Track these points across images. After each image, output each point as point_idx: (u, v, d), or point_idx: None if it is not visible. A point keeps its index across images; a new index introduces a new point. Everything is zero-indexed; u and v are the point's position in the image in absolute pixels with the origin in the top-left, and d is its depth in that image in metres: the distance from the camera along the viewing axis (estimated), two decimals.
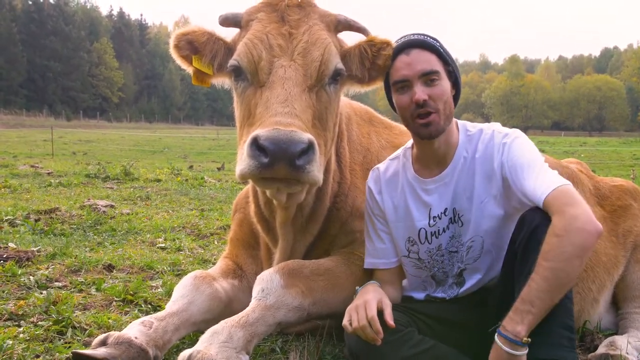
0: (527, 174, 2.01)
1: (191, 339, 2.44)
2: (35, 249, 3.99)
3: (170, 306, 2.34)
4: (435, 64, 2.11)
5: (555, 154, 18.31)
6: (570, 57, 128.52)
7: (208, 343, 1.98)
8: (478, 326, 2.10)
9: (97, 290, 3.19)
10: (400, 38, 2.25)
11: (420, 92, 2.07)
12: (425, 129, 2.10)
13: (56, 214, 5.74)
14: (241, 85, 2.26)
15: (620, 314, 2.94)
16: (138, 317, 2.53)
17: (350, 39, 2.45)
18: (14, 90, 63.57)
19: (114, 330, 2.42)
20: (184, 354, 1.94)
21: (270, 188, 2.22)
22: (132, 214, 6.19)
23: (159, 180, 10.27)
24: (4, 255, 3.70)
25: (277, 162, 1.87)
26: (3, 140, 26.84)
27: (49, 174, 10.87)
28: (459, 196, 2.20)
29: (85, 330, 2.54)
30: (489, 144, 2.16)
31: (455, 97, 2.21)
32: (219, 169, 15.15)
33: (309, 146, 1.92)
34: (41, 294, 2.95)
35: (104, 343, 2.02)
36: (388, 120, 3.27)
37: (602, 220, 2.79)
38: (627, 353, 2.44)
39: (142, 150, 25.67)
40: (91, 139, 31.75)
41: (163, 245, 4.63)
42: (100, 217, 5.68)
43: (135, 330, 2.12)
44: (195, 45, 2.39)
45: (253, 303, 2.22)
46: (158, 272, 3.73)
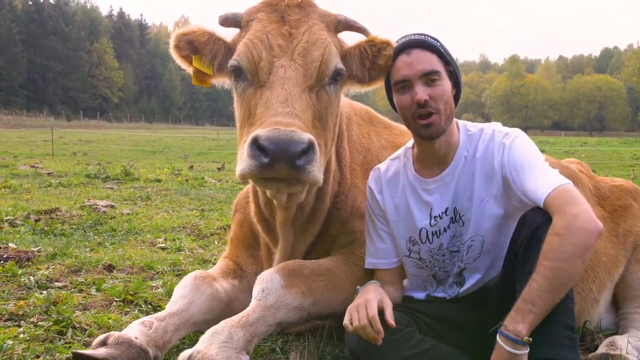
0: (528, 174, 2.01)
1: (191, 339, 2.44)
2: (35, 249, 3.99)
3: (171, 306, 2.34)
4: (436, 64, 2.11)
5: (556, 154, 18.32)
6: (571, 57, 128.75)
7: (208, 343, 1.98)
8: (478, 326, 2.10)
9: (97, 290, 3.19)
10: (401, 38, 2.25)
11: (421, 92, 2.07)
12: (426, 129, 2.10)
13: (56, 214, 5.74)
14: (241, 85, 2.26)
15: (621, 314, 2.94)
16: (138, 318, 2.53)
17: (350, 39, 2.45)
18: (14, 91, 63.61)
19: (114, 330, 2.42)
20: (184, 354, 1.94)
21: (270, 188, 2.22)
22: (133, 214, 6.19)
23: (159, 181, 10.27)
24: (4, 256, 3.70)
25: (278, 162, 1.87)
26: (3, 140, 26.84)
27: (49, 174, 10.87)
28: (459, 196, 2.20)
29: (86, 330, 2.54)
30: (489, 144, 2.16)
31: (456, 97, 2.21)
32: (219, 169, 15.15)
33: (309, 146, 1.92)
34: (41, 294, 2.95)
35: (104, 343, 2.02)
36: (388, 121, 3.27)
37: (603, 220, 2.78)
38: (627, 353, 2.44)
39: (143, 151, 25.67)
40: (91, 139, 31.75)
41: (163, 245, 4.63)
42: (101, 217, 5.67)
43: (136, 330, 2.12)
44: (195, 45, 2.39)
45: (253, 303, 2.22)
46: (158, 272, 3.73)
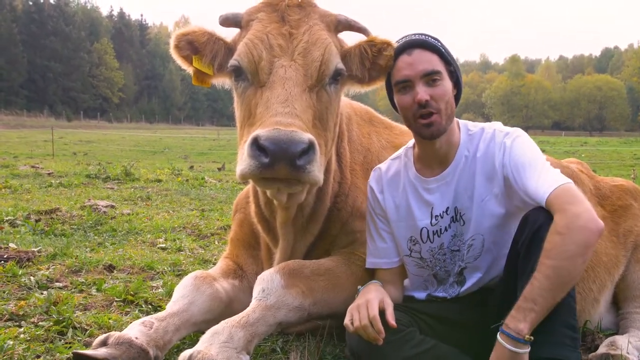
0: (529, 174, 2.01)
1: (192, 339, 2.44)
2: (35, 250, 3.98)
3: (171, 306, 2.34)
4: (437, 64, 2.11)
5: (556, 154, 18.30)
6: (571, 57, 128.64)
7: (209, 343, 1.98)
8: (479, 326, 2.10)
9: (98, 290, 3.19)
10: (402, 38, 2.25)
11: (423, 93, 2.07)
12: (427, 129, 2.10)
13: (57, 215, 5.74)
14: (241, 85, 2.26)
15: (621, 313, 2.94)
16: (138, 318, 2.53)
17: (350, 39, 2.45)
18: (15, 91, 63.58)
19: (115, 330, 2.42)
20: (185, 354, 1.94)
21: (270, 188, 2.22)
22: (133, 214, 6.19)
23: (159, 181, 10.27)
24: (5, 256, 3.70)
25: (278, 162, 1.87)
26: (4, 140, 26.84)
27: (49, 174, 10.86)
28: (460, 195, 2.20)
29: (86, 330, 2.54)
30: (490, 143, 2.16)
31: (457, 97, 2.22)
32: (219, 169, 15.15)
33: (310, 146, 1.92)
34: (42, 294, 2.95)
35: (104, 343, 2.02)
36: (388, 120, 3.27)
37: (603, 220, 2.75)
38: (628, 353, 2.44)
39: (143, 151, 25.67)
40: (92, 139, 31.75)
41: (163, 245, 4.63)
42: (101, 218, 5.67)
43: (136, 330, 2.12)
44: (195, 45, 2.39)
45: (253, 303, 2.22)
46: (158, 273, 3.73)
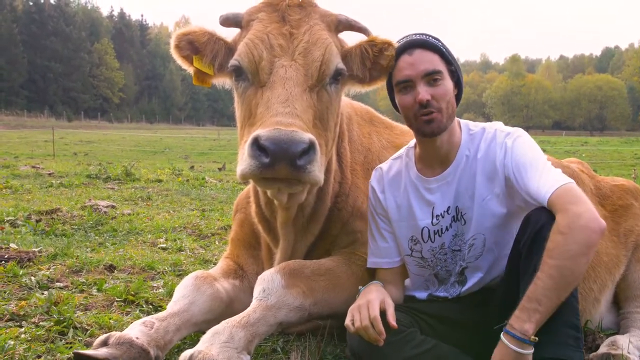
0: (531, 174, 2.01)
1: (192, 339, 2.44)
2: (36, 250, 3.98)
3: (172, 306, 2.34)
4: (438, 64, 2.11)
5: (557, 154, 18.28)
6: (571, 57, 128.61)
7: (209, 343, 1.98)
8: (480, 326, 2.10)
9: (99, 290, 3.19)
10: (402, 38, 2.25)
11: (424, 92, 2.07)
12: (427, 125, 2.10)
13: (57, 215, 5.74)
14: (242, 85, 2.26)
15: (622, 313, 2.94)
16: (139, 318, 2.53)
17: (351, 39, 2.45)
18: (15, 91, 63.69)
19: (115, 330, 2.42)
20: (185, 354, 1.94)
21: (271, 188, 2.21)
22: (133, 214, 6.19)
23: (160, 181, 10.27)
24: (6, 256, 3.70)
25: (278, 162, 1.87)
26: (4, 141, 26.87)
27: (50, 174, 10.87)
28: (461, 195, 2.20)
29: (87, 330, 2.54)
30: (491, 143, 2.16)
31: (458, 97, 2.22)
32: (220, 169, 15.15)
33: (310, 146, 1.92)
34: (42, 294, 2.95)
35: (105, 343, 2.02)
36: (389, 120, 3.27)
37: (603, 220, 2.79)
38: (629, 352, 2.44)
39: (143, 151, 25.68)
40: (92, 139, 31.77)
41: (164, 245, 4.63)
42: (102, 218, 5.67)
43: (137, 330, 2.12)
44: (196, 45, 2.39)
45: (254, 303, 2.22)
46: (159, 273, 3.73)
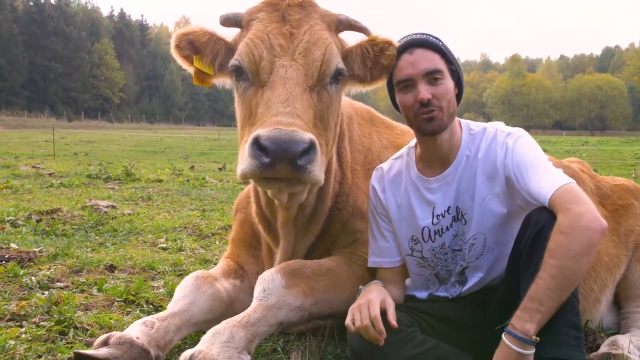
0: (532, 174, 2.00)
1: (193, 339, 2.44)
2: (37, 250, 3.99)
3: (172, 306, 2.34)
4: (439, 63, 2.11)
5: (557, 154, 18.30)
6: (572, 57, 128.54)
7: (210, 343, 1.98)
8: (480, 325, 2.10)
9: (99, 290, 3.19)
10: (403, 37, 2.25)
11: (425, 92, 2.07)
12: (428, 124, 2.10)
13: (58, 215, 5.74)
14: (242, 85, 2.26)
15: (622, 313, 2.93)
16: (140, 318, 2.53)
17: (351, 38, 2.45)
18: (16, 91, 63.70)
19: (116, 330, 2.42)
20: (186, 354, 1.94)
21: (271, 188, 2.21)
22: (134, 214, 6.19)
23: (160, 181, 10.28)
24: (6, 256, 3.70)
25: (279, 162, 1.87)
26: (5, 141, 26.87)
27: (50, 174, 10.87)
28: (461, 194, 2.20)
29: (87, 330, 2.54)
30: (492, 143, 2.16)
31: (458, 96, 2.22)
32: (220, 169, 15.15)
33: (310, 146, 1.92)
34: (43, 294, 2.95)
35: (105, 343, 2.02)
36: (389, 120, 3.27)
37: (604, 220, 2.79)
38: (629, 352, 2.44)
39: (144, 151, 25.68)
40: (92, 139, 31.77)
41: (164, 245, 4.63)
42: (102, 218, 5.68)
43: (137, 330, 2.12)
44: (196, 45, 2.39)
45: (254, 303, 2.22)
46: (159, 273, 3.73)
